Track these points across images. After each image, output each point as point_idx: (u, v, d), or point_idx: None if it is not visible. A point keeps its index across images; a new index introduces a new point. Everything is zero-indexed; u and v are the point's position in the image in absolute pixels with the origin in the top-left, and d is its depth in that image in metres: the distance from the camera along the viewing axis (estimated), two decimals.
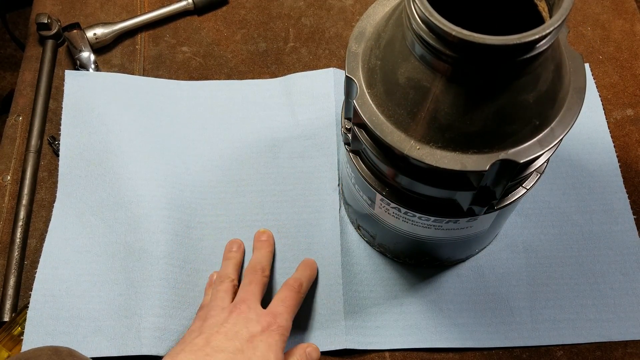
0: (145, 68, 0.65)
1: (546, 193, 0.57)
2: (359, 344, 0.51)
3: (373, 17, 0.40)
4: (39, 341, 0.50)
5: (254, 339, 0.44)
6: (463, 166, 0.34)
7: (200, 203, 0.57)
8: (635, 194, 0.57)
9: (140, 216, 0.54)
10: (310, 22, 0.69)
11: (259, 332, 0.45)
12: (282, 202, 0.57)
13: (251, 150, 0.60)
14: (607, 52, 0.65)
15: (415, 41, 0.32)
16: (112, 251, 0.54)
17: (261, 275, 0.51)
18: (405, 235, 0.47)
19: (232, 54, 0.67)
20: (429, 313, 0.52)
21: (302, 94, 0.63)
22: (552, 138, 0.35)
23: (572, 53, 0.38)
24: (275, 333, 0.45)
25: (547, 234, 0.55)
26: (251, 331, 0.45)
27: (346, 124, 0.42)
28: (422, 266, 0.54)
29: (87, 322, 0.51)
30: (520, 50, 0.30)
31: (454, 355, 0.51)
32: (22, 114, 0.62)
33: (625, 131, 0.61)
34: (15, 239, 0.55)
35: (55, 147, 0.59)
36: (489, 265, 0.54)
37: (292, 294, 0.49)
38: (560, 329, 0.51)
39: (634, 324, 0.51)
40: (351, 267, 0.54)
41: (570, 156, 0.59)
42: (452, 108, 0.33)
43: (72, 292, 0.52)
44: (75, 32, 0.63)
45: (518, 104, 0.33)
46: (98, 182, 0.57)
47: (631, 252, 0.54)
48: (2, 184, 0.59)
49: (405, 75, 0.34)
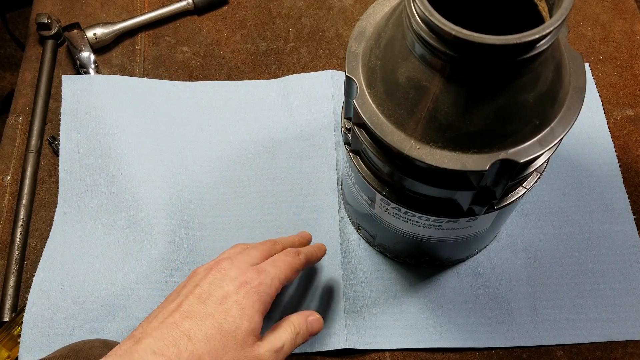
0: (145, 68, 0.65)
1: (546, 193, 0.57)
2: (359, 343, 0.51)
3: (373, 17, 0.40)
4: (36, 343, 0.50)
5: (227, 299, 0.38)
6: (463, 166, 0.34)
7: (199, 204, 0.57)
8: (635, 194, 0.57)
9: (138, 218, 0.54)
10: (310, 22, 0.69)
11: (233, 290, 0.38)
12: (281, 203, 0.57)
13: (249, 151, 0.60)
14: (607, 52, 0.65)
15: (415, 41, 0.32)
16: (109, 253, 0.54)
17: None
18: (405, 235, 0.47)
19: (232, 54, 0.67)
20: (429, 313, 0.52)
21: (299, 95, 0.63)
22: (552, 138, 0.35)
23: (572, 53, 0.38)
24: (253, 293, 0.38)
25: (547, 234, 0.55)
26: (225, 290, 0.38)
27: (346, 123, 0.42)
28: (422, 266, 0.54)
29: (82, 323, 0.51)
30: (520, 50, 0.30)
31: (454, 355, 0.51)
32: (22, 114, 0.62)
33: (625, 131, 0.61)
34: (15, 239, 0.55)
35: (55, 147, 0.59)
36: (489, 265, 0.54)
37: (286, 257, 0.43)
38: (560, 329, 0.51)
39: (634, 324, 0.51)
40: (351, 267, 0.54)
41: (570, 156, 0.59)
42: (452, 108, 0.33)
43: (67, 293, 0.52)
44: (75, 32, 0.63)
45: (518, 103, 0.33)
46: (97, 186, 0.57)
47: (631, 252, 0.54)
48: (2, 184, 0.59)
49: (406, 75, 0.34)
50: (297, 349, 0.50)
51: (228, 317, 0.37)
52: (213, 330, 0.36)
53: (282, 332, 0.41)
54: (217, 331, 0.37)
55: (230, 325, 0.37)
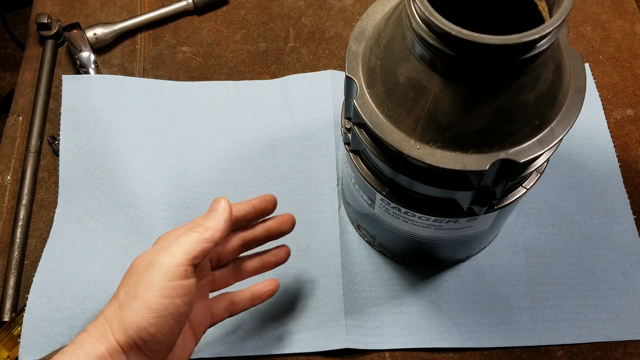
0: (145, 68, 0.65)
1: (546, 193, 0.57)
2: (359, 343, 0.51)
3: (373, 17, 0.40)
4: (36, 343, 0.50)
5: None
6: (463, 166, 0.34)
7: (199, 204, 0.57)
8: (635, 194, 0.57)
9: (139, 218, 0.54)
10: (310, 22, 0.69)
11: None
12: (281, 203, 0.57)
13: (249, 151, 0.60)
14: (607, 52, 0.65)
15: (415, 41, 0.32)
16: (109, 253, 0.54)
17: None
18: (405, 235, 0.47)
19: (232, 54, 0.67)
20: (429, 313, 0.52)
21: (299, 95, 0.63)
22: (552, 138, 0.35)
23: (572, 53, 0.38)
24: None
25: (547, 234, 0.55)
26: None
27: (346, 123, 0.42)
28: (422, 266, 0.54)
29: (82, 323, 0.51)
30: (520, 50, 0.30)
31: (454, 355, 0.51)
32: (22, 114, 0.62)
33: (625, 131, 0.61)
34: (15, 239, 0.55)
35: (55, 147, 0.59)
36: (489, 265, 0.54)
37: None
38: (560, 329, 0.51)
39: (634, 324, 0.51)
40: (351, 267, 0.54)
41: (570, 156, 0.59)
42: (452, 108, 0.33)
43: (67, 293, 0.52)
44: (75, 32, 0.63)
45: (518, 103, 0.33)
46: (97, 186, 0.57)
47: (631, 252, 0.54)
48: (2, 184, 0.59)
49: (405, 75, 0.34)
50: (297, 349, 0.51)
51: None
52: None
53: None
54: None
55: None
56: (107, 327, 0.36)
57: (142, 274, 0.37)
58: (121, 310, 0.36)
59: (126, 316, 0.36)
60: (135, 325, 0.35)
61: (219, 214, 0.41)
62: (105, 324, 0.36)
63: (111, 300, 0.38)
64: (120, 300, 0.37)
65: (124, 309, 0.36)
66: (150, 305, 0.36)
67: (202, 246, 0.39)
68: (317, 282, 0.54)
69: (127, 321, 0.35)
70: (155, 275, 0.37)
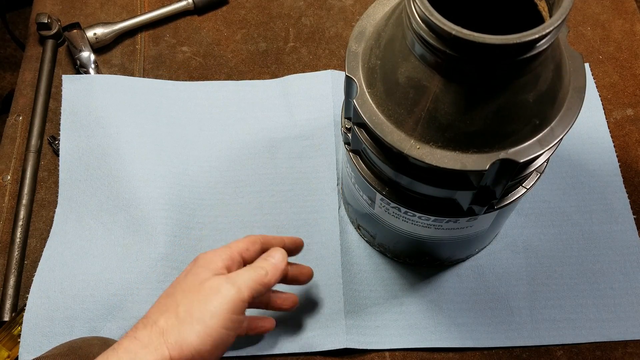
0: (145, 68, 0.65)
1: (546, 193, 0.57)
2: (359, 343, 0.51)
3: (373, 17, 0.40)
4: (36, 343, 0.50)
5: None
6: (463, 166, 0.34)
7: (199, 204, 0.57)
8: (635, 194, 0.57)
9: (139, 218, 0.54)
10: (310, 22, 0.69)
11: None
12: (281, 203, 0.57)
13: (249, 151, 0.60)
14: (607, 52, 0.65)
15: (415, 40, 0.32)
16: (109, 253, 0.54)
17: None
18: (405, 235, 0.47)
19: (232, 54, 0.67)
20: (428, 313, 0.52)
21: (299, 95, 0.63)
22: (552, 138, 0.35)
23: (572, 53, 0.38)
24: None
25: (547, 234, 0.55)
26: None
27: (346, 123, 0.42)
28: (422, 266, 0.54)
29: (82, 323, 0.51)
30: (520, 50, 0.30)
31: (454, 355, 0.51)
32: (22, 113, 0.62)
33: (625, 131, 0.61)
34: (15, 239, 0.55)
35: (55, 146, 0.59)
36: (489, 265, 0.54)
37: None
38: (560, 329, 0.51)
39: (634, 324, 0.51)
40: (351, 267, 0.54)
41: (570, 156, 0.59)
42: (452, 107, 0.33)
43: (67, 293, 0.52)
44: (75, 32, 0.63)
45: (518, 103, 0.33)
46: (97, 186, 0.57)
47: (631, 252, 0.54)
48: (2, 184, 0.59)
49: (405, 75, 0.34)
50: (297, 349, 0.51)
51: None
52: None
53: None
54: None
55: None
56: (163, 340, 0.37)
57: (208, 297, 0.39)
58: (181, 327, 0.37)
59: (187, 335, 0.37)
60: (192, 348, 0.37)
61: (278, 263, 0.43)
62: (161, 337, 0.37)
63: (163, 308, 0.39)
64: (180, 317, 0.38)
65: (184, 327, 0.37)
66: (211, 332, 0.38)
67: (260, 289, 0.41)
68: (317, 282, 0.54)
69: (187, 341, 0.37)
70: (222, 305, 0.38)
